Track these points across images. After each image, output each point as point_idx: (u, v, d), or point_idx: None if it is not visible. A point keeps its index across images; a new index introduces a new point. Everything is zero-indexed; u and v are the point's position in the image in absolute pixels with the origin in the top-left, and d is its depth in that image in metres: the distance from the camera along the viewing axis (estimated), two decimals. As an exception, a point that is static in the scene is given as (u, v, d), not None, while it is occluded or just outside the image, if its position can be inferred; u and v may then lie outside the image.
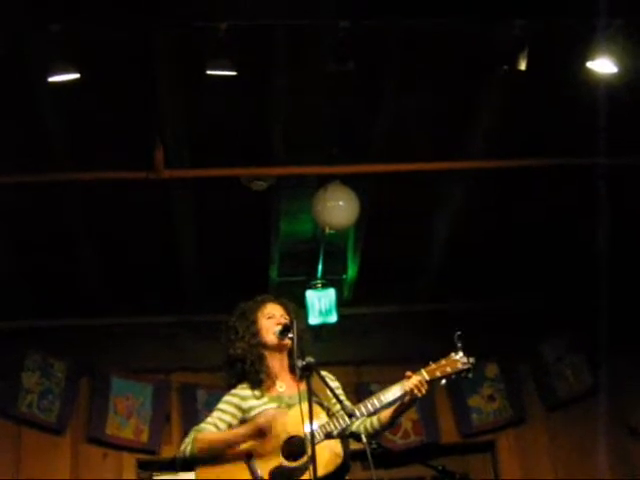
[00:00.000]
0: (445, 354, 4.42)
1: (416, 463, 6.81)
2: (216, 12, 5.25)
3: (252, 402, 4.39)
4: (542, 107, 6.26)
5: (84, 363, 7.54)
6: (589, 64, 5.53)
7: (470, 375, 4.39)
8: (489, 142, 6.47)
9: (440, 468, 5.36)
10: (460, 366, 4.34)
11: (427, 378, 4.33)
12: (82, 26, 5.25)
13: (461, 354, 4.36)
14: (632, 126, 6.29)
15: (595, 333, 7.30)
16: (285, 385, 4.47)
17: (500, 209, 7.15)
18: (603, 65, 5.48)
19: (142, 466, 7.48)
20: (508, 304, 7.81)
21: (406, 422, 7.60)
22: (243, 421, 4.38)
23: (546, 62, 5.63)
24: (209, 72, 5.33)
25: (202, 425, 4.40)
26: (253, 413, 4.36)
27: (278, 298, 4.68)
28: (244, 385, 4.46)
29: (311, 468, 3.96)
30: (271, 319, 4.52)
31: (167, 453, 7.30)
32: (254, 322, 4.51)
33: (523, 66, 5.41)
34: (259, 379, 4.43)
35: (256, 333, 4.49)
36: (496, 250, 7.32)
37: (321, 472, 4.00)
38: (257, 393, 4.42)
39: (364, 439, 4.26)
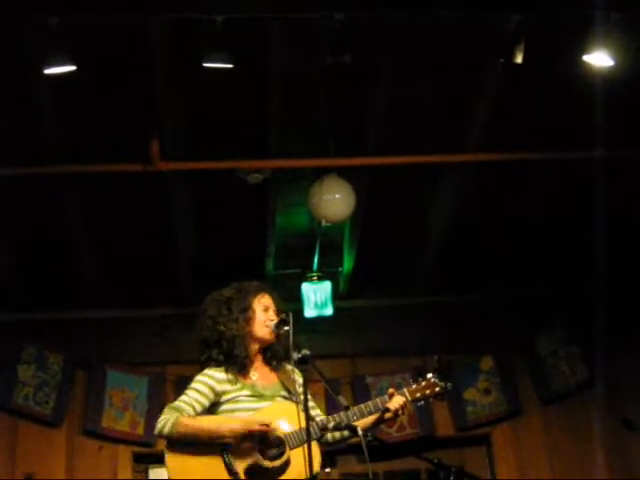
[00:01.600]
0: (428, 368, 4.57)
1: (411, 456, 6.81)
2: (213, 4, 5.24)
3: (226, 386, 4.31)
4: (539, 100, 6.26)
5: (80, 356, 7.52)
6: (586, 57, 5.53)
7: (445, 398, 4.56)
8: (486, 135, 6.47)
9: (436, 461, 5.34)
10: (438, 389, 4.47)
11: (409, 399, 4.41)
12: (79, 18, 5.24)
13: (439, 378, 4.47)
14: (628, 119, 6.30)
15: (591, 326, 7.29)
16: (258, 374, 4.43)
17: (497, 202, 7.15)
18: (600, 58, 5.48)
19: (138, 459, 7.47)
20: (504, 297, 7.80)
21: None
22: (214, 404, 4.29)
23: (543, 55, 5.63)
24: (206, 64, 5.33)
25: (178, 404, 4.27)
26: (225, 398, 4.29)
27: (271, 290, 4.62)
28: (219, 368, 4.37)
29: (288, 470, 4.08)
30: (266, 312, 4.47)
31: (163, 446, 7.27)
32: (249, 308, 4.46)
33: (520, 59, 5.41)
34: (243, 363, 4.37)
35: (249, 320, 4.43)
36: (493, 243, 7.32)
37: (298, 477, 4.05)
38: (231, 377, 4.34)
39: (360, 432, 4.24)
